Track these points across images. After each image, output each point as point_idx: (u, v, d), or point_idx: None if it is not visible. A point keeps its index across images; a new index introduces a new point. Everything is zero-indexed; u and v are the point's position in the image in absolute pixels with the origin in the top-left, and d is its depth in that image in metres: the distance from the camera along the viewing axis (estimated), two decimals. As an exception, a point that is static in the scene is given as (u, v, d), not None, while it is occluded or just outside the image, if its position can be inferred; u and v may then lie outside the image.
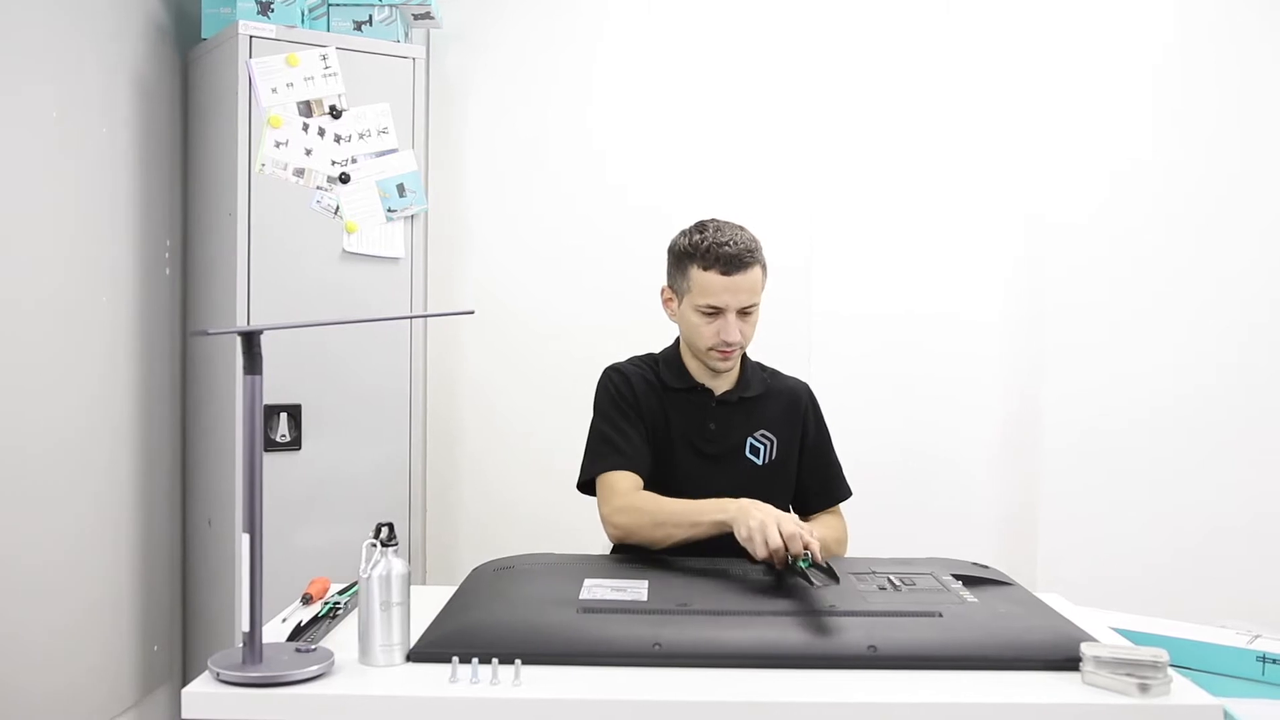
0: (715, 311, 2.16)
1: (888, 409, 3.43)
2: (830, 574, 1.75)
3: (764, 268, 2.19)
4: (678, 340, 2.32)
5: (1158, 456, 3.40)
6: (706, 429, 2.26)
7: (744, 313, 2.17)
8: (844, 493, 2.39)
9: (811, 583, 1.74)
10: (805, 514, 2.36)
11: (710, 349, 2.19)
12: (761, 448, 2.28)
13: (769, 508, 1.92)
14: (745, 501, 1.94)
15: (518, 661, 1.50)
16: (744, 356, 2.32)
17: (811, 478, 2.36)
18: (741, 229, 2.20)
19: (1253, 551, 3.36)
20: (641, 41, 3.43)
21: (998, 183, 3.42)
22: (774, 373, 2.41)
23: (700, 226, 2.20)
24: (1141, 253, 3.41)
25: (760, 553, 1.84)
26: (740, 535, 1.88)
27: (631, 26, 3.43)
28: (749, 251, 2.15)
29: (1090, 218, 3.41)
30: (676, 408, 2.26)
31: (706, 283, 2.14)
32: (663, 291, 2.29)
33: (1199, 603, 2.99)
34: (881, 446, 3.37)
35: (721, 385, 2.28)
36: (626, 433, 2.21)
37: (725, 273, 2.13)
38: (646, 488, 2.17)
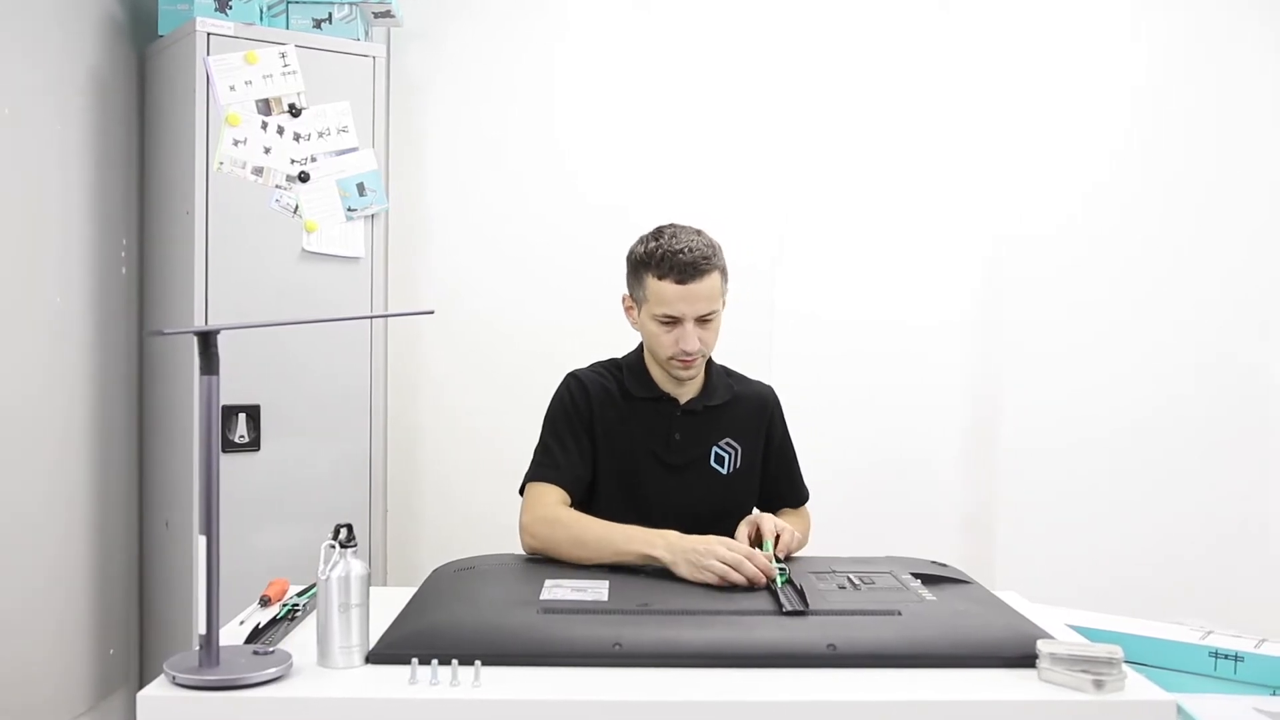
0: (673, 320, 2.11)
1: (850, 412, 3.45)
2: (802, 598, 1.74)
3: (723, 272, 2.14)
4: (641, 345, 2.28)
5: (1112, 460, 3.45)
6: (671, 439, 2.22)
7: (703, 320, 2.11)
8: (806, 494, 2.39)
9: (780, 604, 1.73)
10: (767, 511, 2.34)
11: (670, 358, 2.14)
12: (726, 456, 2.25)
13: (695, 540, 1.88)
14: (672, 539, 1.90)
15: (478, 662, 1.50)
16: (710, 362, 2.28)
17: (777, 482, 2.34)
18: (699, 234, 2.14)
19: (1205, 550, 3.42)
20: (605, 41, 3.43)
21: (964, 193, 3.46)
22: (739, 378, 2.37)
23: (656, 233, 2.15)
24: (1101, 268, 3.46)
25: (737, 581, 1.82)
26: (686, 574, 1.85)
27: (595, 25, 3.43)
28: (705, 258, 2.08)
29: (1053, 232, 3.46)
30: (640, 417, 2.22)
31: (662, 292, 2.09)
32: (623, 300, 2.23)
33: (1153, 600, 3.03)
34: (843, 449, 3.39)
35: (686, 393, 2.24)
36: (568, 447, 2.18)
37: (680, 281, 2.07)
38: (606, 495, 2.16)
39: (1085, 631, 1.87)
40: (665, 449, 2.22)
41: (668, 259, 2.08)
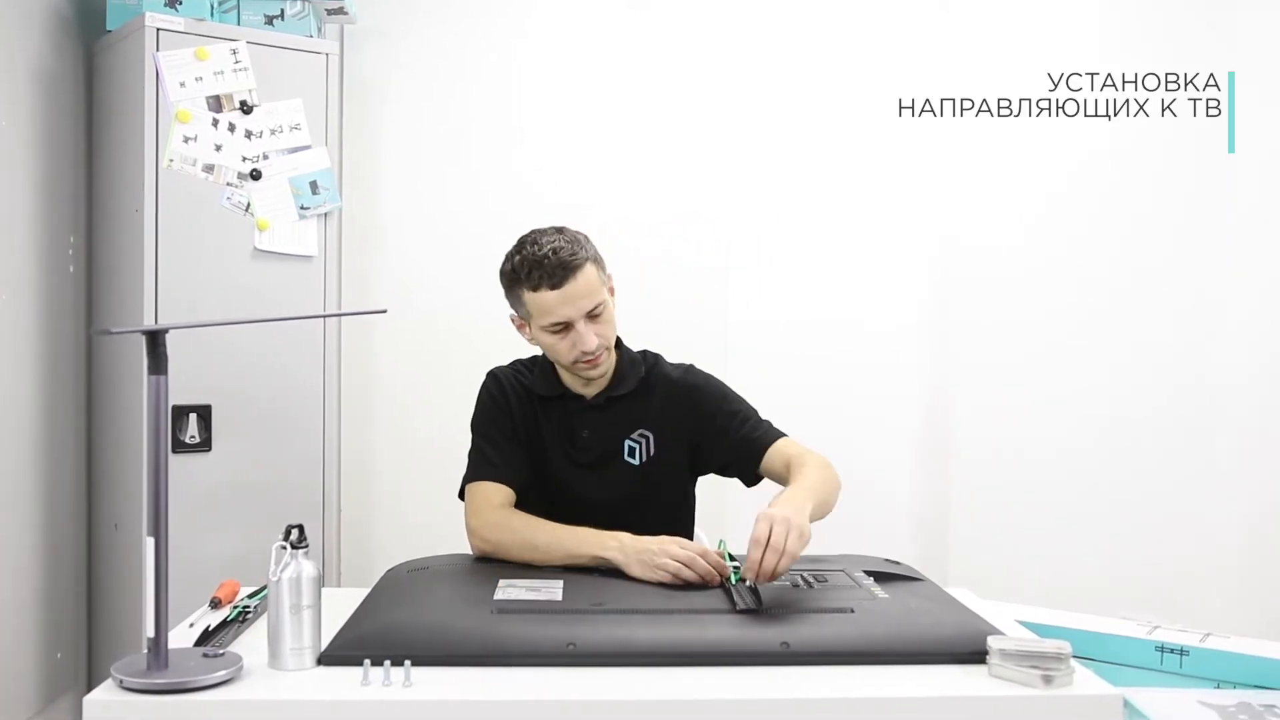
0: (563, 326, 2.05)
1: (805, 412, 3.45)
2: (756, 597, 1.75)
3: (596, 262, 2.08)
4: None
5: (1062, 460, 3.50)
6: (579, 437, 2.18)
7: (593, 316, 2.05)
8: (771, 434, 2.22)
9: (734, 603, 1.73)
10: (755, 483, 2.23)
11: (574, 363, 2.09)
12: (637, 447, 2.18)
13: (648, 540, 1.88)
14: (625, 539, 1.89)
15: (431, 664, 1.49)
16: (621, 350, 2.21)
17: (736, 451, 2.20)
18: (559, 232, 2.08)
19: (1152, 547, 3.47)
20: (561, 42, 3.43)
21: (915, 200, 3.49)
22: (655, 361, 2.27)
23: (518, 246, 2.09)
24: (1050, 275, 3.51)
25: (691, 579, 1.82)
26: (640, 574, 1.85)
27: (551, 26, 3.43)
28: (572, 254, 2.02)
29: (1003, 239, 3.49)
30: (548, 416, 2.19)
31: (541, 302, 2.03)
32: (512, 319, 2.16)
33: (1101, 595, 3.08)
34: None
35: (593, 389, 2.18)
36: (498, 443, 2.15)
37: (555, 286, 2.01)
38: (528, 496, 2.13)
39: (1035, 627, 1.89)
40: (574, 447, 2.18)
41: (535, 268, 2.02)
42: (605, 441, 2.19)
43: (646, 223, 3.43)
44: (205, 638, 1.67)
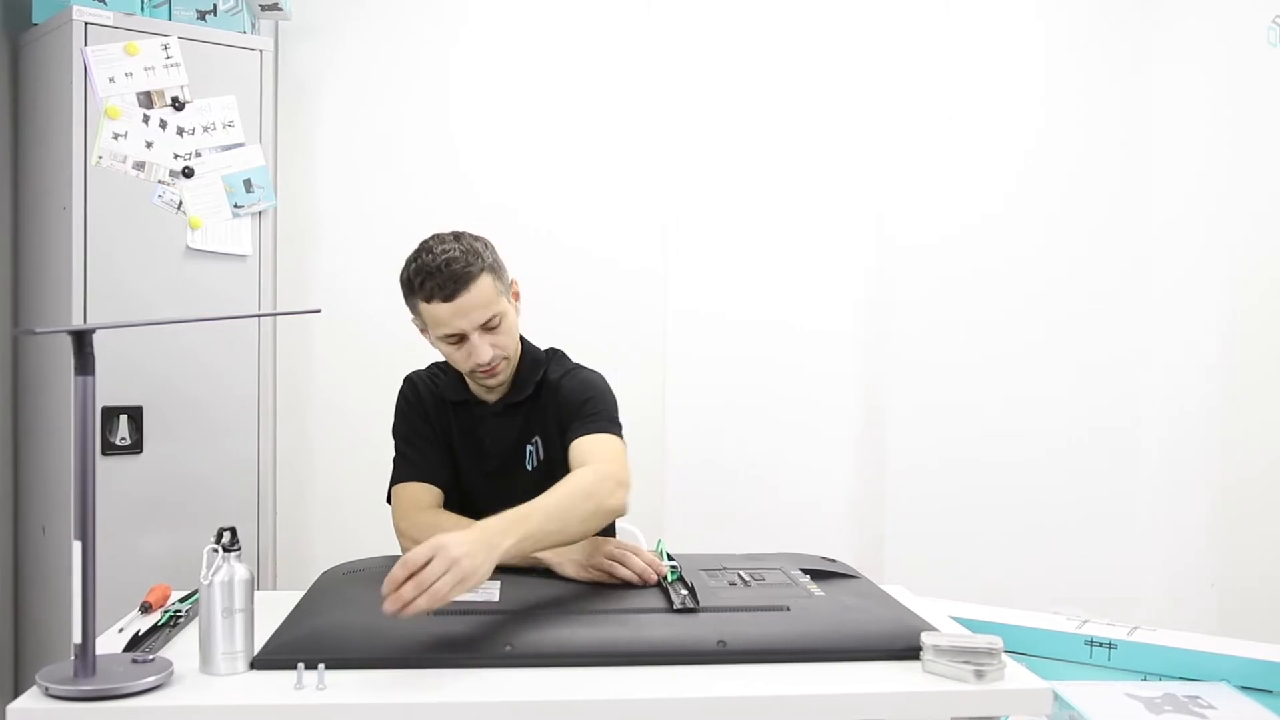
0: (458, 337, 2.02)
1: (744, 412, 3.48)
2: (693, 595, 1.76)
3: (493, 270, 2.02)
4: None
5: (995, 459, 3.54)
6: (483, 444, 2.16)
7: (488, 327, 2.02)
8: (592, 428, 2.05)
9: (670, 602, 1.73)
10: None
11: (471, 372, 2.08)
12: (530, 452, 2.16)
13: (582, 542, 1.87)
14: None
15: (366, 667, 1.48)
16: (525, 353, 2.17)
17: (564, 444, 2.07)
18: (455, 239, 2.03)
19: (1081, 544, 3.53)
20: (498, 40, 3.41)
21: (852, 199, 3.51)
22: (559, 366, 2.20)
23: (415, 254, 2.04)
24: (983, 280, 3.55)
25: (626, 577, 1.83)
26: (574, 574, 1.85)
27: (488, 24, 3.41)
28: (464, 266, 1.97)
29: (938, 245, 3.53)
30: (458, 422, 2.18)
31: (435, 314, 2.00)
32: (415, 324, 2.13)
33: (1034, 591, 3.13)
34: (738, 448, 3.42)
35: (494, 395, 2.16)
36: (420, 445, 2.14)
37: (447, 298, 1.97)
38: (449, 498, 2.12)
39: (968, 623, 1.92)
40: (479, 454, 2.17)
41: (428, 280, 1.98)
42: (506, 449, 2.16)
43: (584, 222, 3.43)
44: (135, 643, 1.65)
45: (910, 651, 1.61)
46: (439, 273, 1.97)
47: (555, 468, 2.06)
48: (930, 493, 3.53)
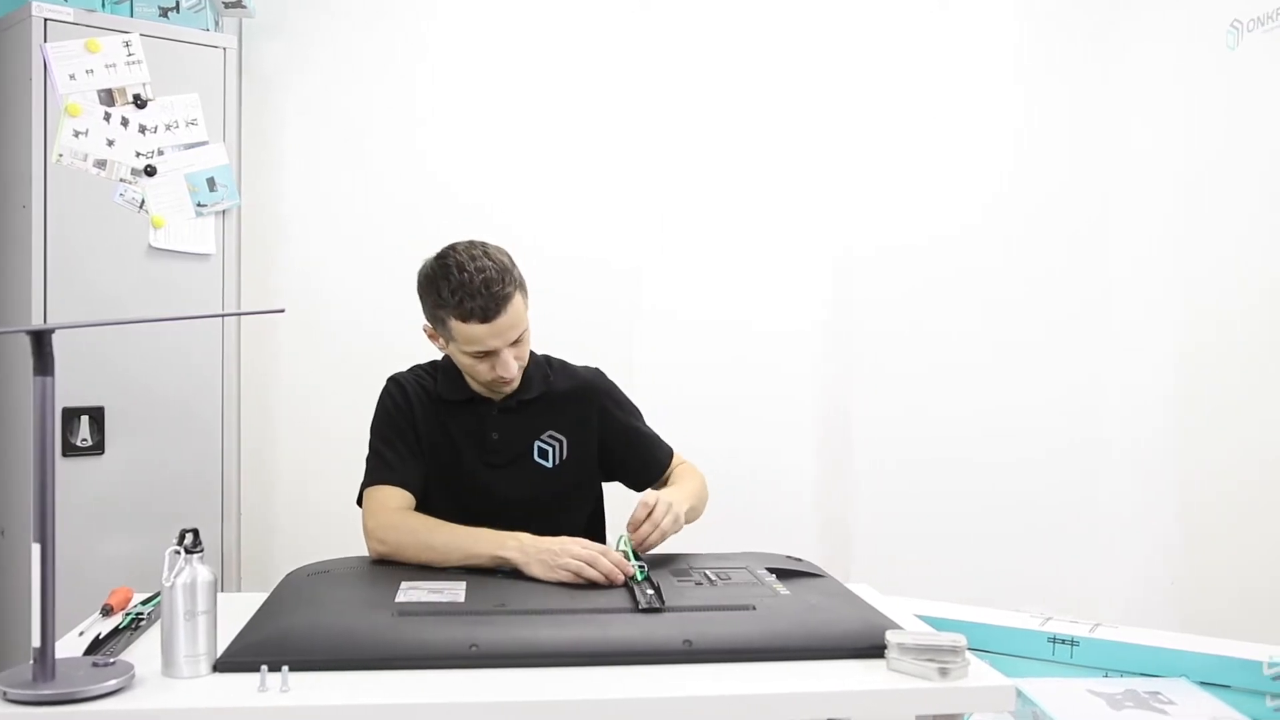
0: (486, 353, 2.05)
1: (711, 412, 3.48)
2: (659, 595, 1.76)
3: (520, 287, 2.06)
4: None
5: (958, 459, 3.56)
6: (489, 439, 2.18)
7: (514, 342, 2.07)
8: (669, 452, 2.34)
9: (637, 602, 1.73)
10: (644, 488, 2.30)
11: (489, 383, 2.11)
12: (550, 449, 2.21)
13: (548, 541, 1.89)
14: (524, 540, 1.90)
15: (330, 669, 1.47)
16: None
17: (634, 458, 2.29)
18: (485, 257, 2.02)
19: (1045, 542, 3.55)
20: (469, 38, 3.40)
21: (820, 206, 3.52)
22: (560, 366, 2.30)
23: (444, 269, 2.03)
24: (947, 283, 3.56)
25: (594, 578, 1.83)
26: (540, 574, 1.85)
27: (459, 21, 3.39)
28: (502, 288, 2.00)
29: (901, 249, 3.53)
30: (456, 419, 2.19)
31: (469, 333, 2.01)
32: (425, 329, 2.14)
33: (998, 588, 3.16)
34: (704, 449, 3.41)
35: (501, 394, 2.18)
36: (397, 448, 2.15)
37: (485, 319, 1.99)
38: (435, 498, 2.13)
39: (933, 621, 1.93)
40: (484, 449, 2.19)
41: (467, 300, 1.99)
42: (515, 444, 2.20)
43: (553, 222, 3.42)
44: (95, 646, 1.63)
45: (875, 650, 1.62)
46: (480, 294, 1.99)
47: (579, 463, 2.23)
48: (895, 493, 3.55)
